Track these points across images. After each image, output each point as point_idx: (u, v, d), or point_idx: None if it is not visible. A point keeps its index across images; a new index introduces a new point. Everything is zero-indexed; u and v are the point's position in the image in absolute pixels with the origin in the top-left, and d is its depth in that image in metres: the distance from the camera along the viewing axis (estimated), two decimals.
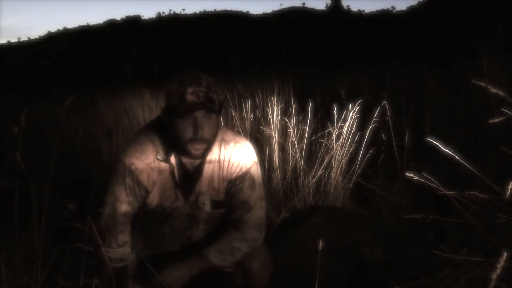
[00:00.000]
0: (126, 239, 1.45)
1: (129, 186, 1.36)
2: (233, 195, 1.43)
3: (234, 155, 1.41)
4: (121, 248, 1.44)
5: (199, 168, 1.39)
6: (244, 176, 1.42)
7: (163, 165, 1.36)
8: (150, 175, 1.36)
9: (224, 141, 1.42)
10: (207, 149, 1.34)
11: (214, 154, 1.40)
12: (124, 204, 1.38)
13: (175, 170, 1.37)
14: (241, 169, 1.42)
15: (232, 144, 1.42)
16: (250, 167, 1.43)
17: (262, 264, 1.46)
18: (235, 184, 1.42)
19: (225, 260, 1.42)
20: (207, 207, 1.44)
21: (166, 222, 1.47)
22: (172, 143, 1.34)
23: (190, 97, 1.24)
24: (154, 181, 1.37)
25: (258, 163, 1.47)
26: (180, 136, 1.28)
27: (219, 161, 1.41)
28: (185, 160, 1.38)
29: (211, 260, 1.40)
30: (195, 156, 1.31)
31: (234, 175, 1.42)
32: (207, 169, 1.40)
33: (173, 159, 1.36)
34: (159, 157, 1.35)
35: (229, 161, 1.41)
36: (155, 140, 1.36)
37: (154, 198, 1.41)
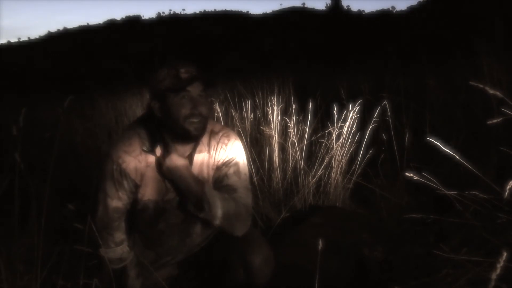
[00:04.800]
0: (123, 237, 1.45)
1: (117, 180, 1.37)
2: (217, 180, 1.45)
3: (221, 143, 1.45)
4: (119, 247, 1.44)
5: (189, 159, 1.40)
6: (230, 162, 1.46)
7: (151, 157, 1.37)
8: (137, 168, 1.37)
9: (213, 132, 1.46)
10: (204, 128, 1.35)
11: (203, 144, 1.43)
12: (115, 200, 1.39)
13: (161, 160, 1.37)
14: (227, 156, 1.46)
15: (220, 133, 1.47)
16: (236, 155, 1.47)
17: (264, 259, 1.46)
18: (220, 169, 1.45)
19: (215, 197, 1.34)
20: None
21: (161, 218, 1.47)
22: (168, 128, 1.34)
23: (184, 75, 1.28)
24: (142, 174, 1.38)
25: (245, 156, 1.50)
26: (177, 115, 1.29)
27: (208, 151, 1.44)
28: (177, 150, 1.38)
29: (205, 188, 1.33)
30: (194, 134, 1.32)
31: (221, 161, 1.46)
32: (197, 159, 1.42)
33: (158, 150, 1.37)
34: (145, 148, 1.36)
35: (216, 149, 1.45)
36: (141, 133, 1.38)
37: (145, 193, 1.41)
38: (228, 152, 1.46)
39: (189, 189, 1.33)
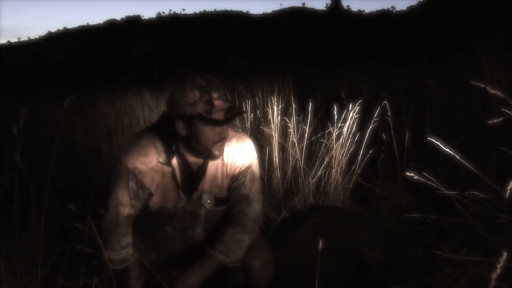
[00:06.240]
0: (129, 241, 1.44)
1: (132, 190, 1.36)
2: (235, 189, 1.45)
3: (237, 152, 1.43)
4: (124, 250, 1.43)
5: (203, 167, 1.40)
6: (246, 171, 1.45)
7: (166, 167, 1.37)
8: (153, 178, 1.37)
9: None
10: (224, 147, 1.37)
11: None
12: (128, 208, 1.38)
13: (176, 172, 1.37)
14: (244, 164, 1.44)
15: (234, 140, 1.44)
16: (252, 162, 1.46)
17: (264, 262, 1.46)
18: (237, 179, 1.44)
19: (234, 254, 1.42)
20: (211, 205, 1.44)
21: (168, 222, 1.47)
22: (188, 144, 1.33)
23: (218, 103, 1.24)
24: (158, 184, 1.38)
25: (257, 158, 1.50)
26: (206, 140, 1.29)
27: (222, 158, 1.42)
28: (191, 160, 1.38)
29: (221, 259, 1.40)
30: (218, 155, 1.33)
31: (238, 170, 1.44)
32: (211, 167, 1.41)
33: (174, 162, 1.36)
34: (161, 160, 1.35)
35: (232, 158, 1.43)
36: (157, 143, 1.36)
37: (157, 201, 1.41)
38: (243, 158, 1.44)
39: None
